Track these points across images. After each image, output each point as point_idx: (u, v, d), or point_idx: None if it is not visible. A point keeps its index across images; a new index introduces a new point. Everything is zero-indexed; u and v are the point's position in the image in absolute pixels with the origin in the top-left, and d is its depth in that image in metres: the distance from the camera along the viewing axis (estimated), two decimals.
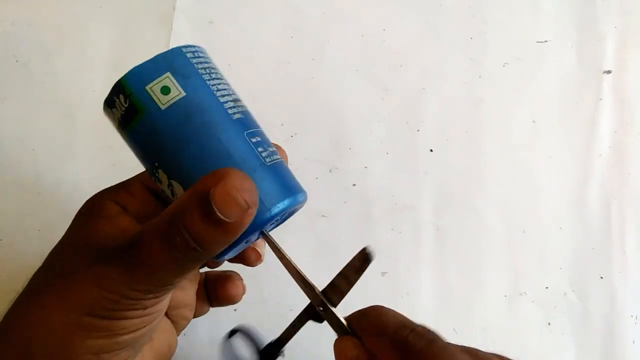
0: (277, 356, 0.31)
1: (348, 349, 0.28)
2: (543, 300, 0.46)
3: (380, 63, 0.51)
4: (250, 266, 0.36)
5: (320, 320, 0.31)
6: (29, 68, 0.49)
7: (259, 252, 0.36)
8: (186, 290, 0.36)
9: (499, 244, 0.47)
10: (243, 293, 0.39)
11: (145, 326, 0.27)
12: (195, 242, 0.24)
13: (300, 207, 0.32)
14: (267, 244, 0.31)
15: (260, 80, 0.50)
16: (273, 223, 0.31)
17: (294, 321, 0.31)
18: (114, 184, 0.31)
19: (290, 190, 0.28)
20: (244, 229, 0.25)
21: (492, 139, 0.50)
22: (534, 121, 0.50)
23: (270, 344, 0.32)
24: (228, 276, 0.38)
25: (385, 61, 0.51)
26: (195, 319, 0.44)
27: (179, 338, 0.44)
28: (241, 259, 0.36)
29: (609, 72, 0.51)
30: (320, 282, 0.31)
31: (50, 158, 0.48)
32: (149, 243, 0.25)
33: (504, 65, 0.51)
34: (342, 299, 0.30)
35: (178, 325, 0.36)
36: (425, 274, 0.47)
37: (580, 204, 0.48)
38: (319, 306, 0.30)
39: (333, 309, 0.30)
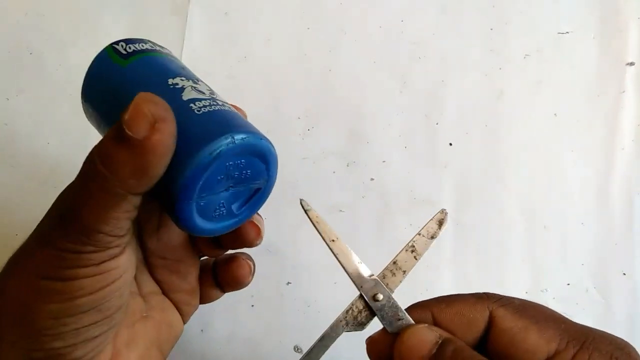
0: None
1: (425, 335, 0.25)
2: (565, 296, 0.45)
3: (398, 55, 0.50)
4: (250, 246, 0.33)
5: (362, 327, 0.29)
6: (42, 60, 0.49)
7: (258, 228, 0.32)
8: (181, 274, 0.35)
9: (520, 239, 0.47)
10: (251, 273, 0.36)
11: (104, 287, 0.26)
12: (103, 164, 0.23)
13: (271, 158, 0.29)
14: (313, 227, 0.29)
15: (277, 73, 0.49)
16: (235, 173, 0.28)
17: (332, 327, 0.29)
18: None
19: (234, 128, 0.27)
20: (158, 150, 0.23)
21: (513, 133, 0.49)
22: (555, 114, 0.49)
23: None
24: (233, 257, 0.36)
25: (403, 53, 0.50)
26: (213, 315, 0.44)
27: (197, 334, 0.44)
28: (238, 238, 0.32)
29: (631, 64, 0.50)
30: (340, 280, 0.29)
31: (66, 151, 0.47)
32: (70, 185, 0.25)
33: (524, 57, 0.50)
34: (402, 280, 0.29)
35: (182, 310, 0.35)
36: (444, 270, 0.46)
37: (602, 198, 0.48)
38: (375, 296, 0.28)
39: (393, 297, 0.28)
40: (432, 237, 0.29)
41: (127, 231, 0.26)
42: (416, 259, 0.29)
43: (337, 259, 0.29)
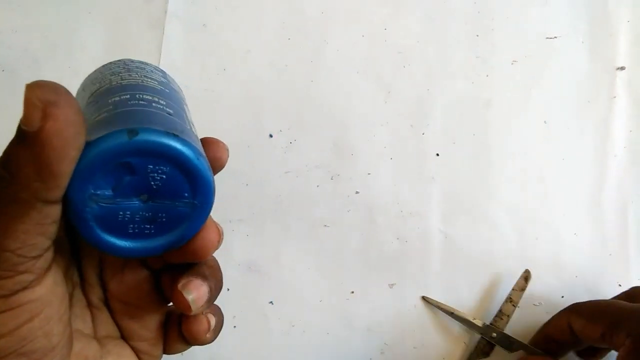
0: None
1: None
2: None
3: (382, 64, 0.49)
4: (201, 256, 0.27)
5: (487, 355, 0.43)
6: (16, 77, 0.47)
7: (218, 230, 0.28)
8: (144, 322, 0.31)
9: (511, 251, 0.45)
10: (210, 330, 0.30)
11: (20, 326, 0.22)
12: (2, 166, 0.20)
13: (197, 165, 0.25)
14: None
15: (257, 85, 0.48)
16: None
17: None
18: None
19: (145, 123, 0.24)
20: (54, 141, 0.20)
21: (502, 141, 0.47)
22: (545, 122, 0.48)
23: None
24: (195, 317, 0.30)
25: (387, 62, 0.49)
26: None
27: (177, 358, 0.42)
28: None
29: (622, 68, 0.49)
30: (326, 298, 0.28)
31: None
32: None
33: (512, 63, 0.49)
34: (508, 322, 0.43)
35: (142, 359, 0.31)
36: (434, 285, 0.45)
37: (595, 207, 0.46)
38: (491, 334, 0.43)
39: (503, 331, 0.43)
40: (522, 290, 0.43)
41: (44, 252, 0.22)
42: (514, 307, 0.43)
43: (461, 321, 0.43)
